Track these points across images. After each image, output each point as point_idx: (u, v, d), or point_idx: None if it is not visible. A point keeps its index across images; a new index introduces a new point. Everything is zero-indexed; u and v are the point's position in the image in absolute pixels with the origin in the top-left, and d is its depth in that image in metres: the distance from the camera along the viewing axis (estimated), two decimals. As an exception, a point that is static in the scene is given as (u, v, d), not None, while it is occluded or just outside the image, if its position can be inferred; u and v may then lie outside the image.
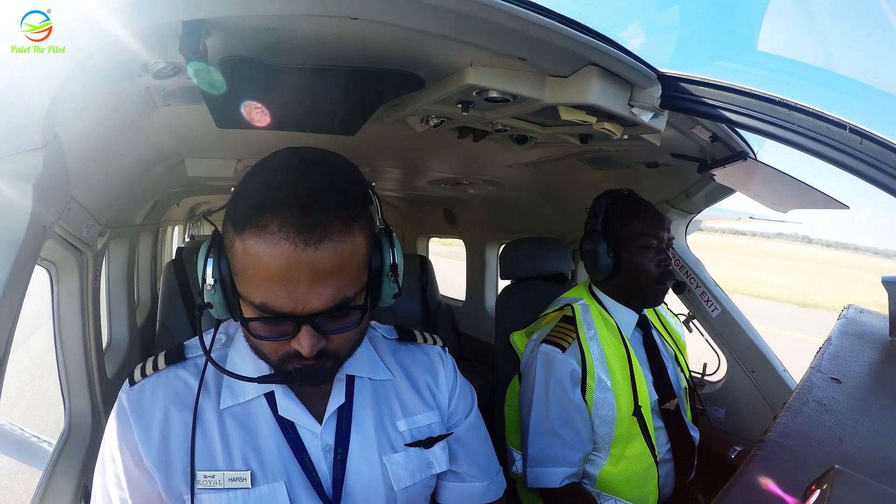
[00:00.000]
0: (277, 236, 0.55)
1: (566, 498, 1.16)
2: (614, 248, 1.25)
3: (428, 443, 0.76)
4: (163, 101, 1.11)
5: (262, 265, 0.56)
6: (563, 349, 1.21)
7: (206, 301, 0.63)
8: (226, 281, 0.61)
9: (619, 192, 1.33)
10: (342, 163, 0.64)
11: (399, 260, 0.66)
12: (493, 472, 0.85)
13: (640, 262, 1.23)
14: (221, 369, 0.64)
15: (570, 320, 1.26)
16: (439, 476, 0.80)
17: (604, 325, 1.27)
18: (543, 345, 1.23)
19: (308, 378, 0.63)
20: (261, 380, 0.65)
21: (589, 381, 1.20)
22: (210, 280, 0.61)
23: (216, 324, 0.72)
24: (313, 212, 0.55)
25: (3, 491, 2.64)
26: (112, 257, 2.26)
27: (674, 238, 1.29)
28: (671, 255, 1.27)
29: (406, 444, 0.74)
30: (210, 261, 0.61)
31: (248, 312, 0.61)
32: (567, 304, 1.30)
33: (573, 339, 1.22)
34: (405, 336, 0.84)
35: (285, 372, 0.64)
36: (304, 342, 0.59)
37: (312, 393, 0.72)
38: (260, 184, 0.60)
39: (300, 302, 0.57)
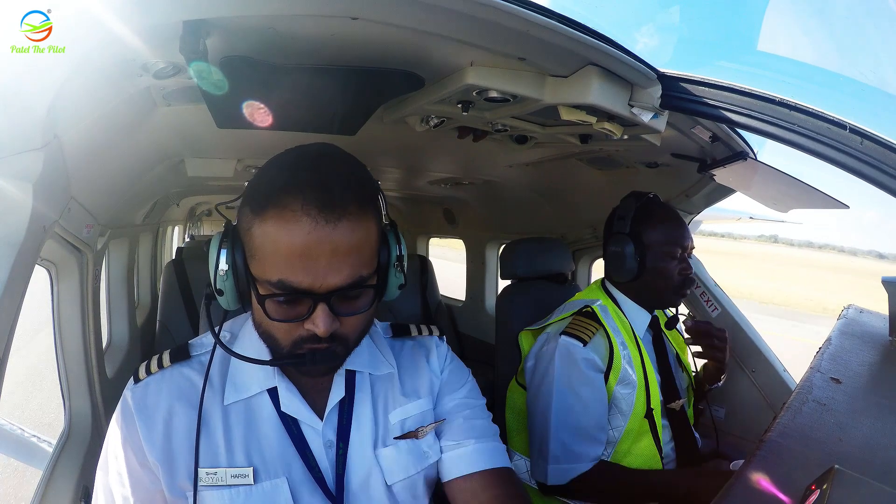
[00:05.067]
0: (300, 213, 0.57)
1: (596, 477, 1.14)
2: (640, 252, 1.25)
3: (420, 433, 0.75)
4: (163, 101, 1.11)
5: (283, 242, 0.58)
6: (584, 342, 1.18)
7: (217, 288, 0.64)
8: (239, 267, 0.63)
9: (646, 195, 1.31)
10: (352, 157, 0.67)
11: (404, 252, 0.69)
12: (491, 439, 0.80)
13: (665, 268, 1.23)
14: (229, 351, 0.65)
15: (590, 315, 1.25)
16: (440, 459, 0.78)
17: (620, 325, 1.26)
18: (563, 337, 1.20)
19: (321, 361, 0.63)
20: (272, 362, 0.65)
21: (612, 377, 1.19)
22: (224, 266, 0.62)
23: (222, 317, 0.72)
24: (334, 191, 0.58)
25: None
26: (112, 257, 2.26)
27: (694, 247, 1.29)
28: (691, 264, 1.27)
29: (395, 438, 0.74)
30: (224, 249, 0.63)
31: (264, 292, 0.61)
32: (586, 306, 1.28)
33: (594, 332, 1.21)
34: (399, 332, 0.84)
35: (298, 355, 0.64)
36: (319, 322, 0.60)
37: (314, 388, 0.72)
38: (279, 170, 0.62)
39: (319, 278, 0.58)
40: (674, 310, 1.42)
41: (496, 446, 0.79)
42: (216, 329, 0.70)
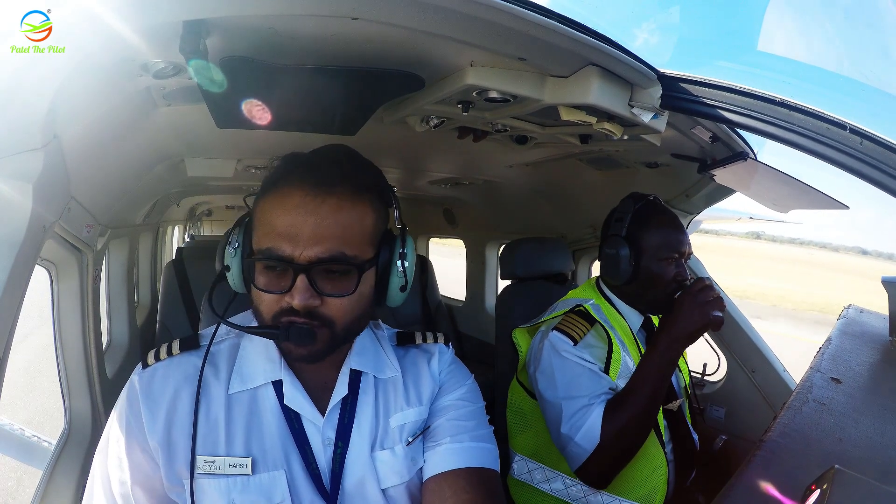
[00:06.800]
0: (294, 187, 0.64)
1: (614, 417, 1.09)
2: (635, 256, 1.23)
3: (415, 439, 0.75)
4: (163, 101, 1.11)
5: (277, 214, 0.64)
6: (575, 341, 1.18)
7: (225, 264, 0.70)
8: (245, 245, 0.68)
9: (645, 197, 1.29)
10: (367, 160, 0.73)
11: (409, 252, 0.72)
12: (470, 438, 0.75)
13: (660, 273, 1.22)
14: (224, 320, 0.69)
15: (582, 314, 1.24)
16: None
17: (615, 323, 1.26)
18: (553, 332, 1.20)
19: (295, 336, 0.64)
20: (249, 329, 0.67)
21: (612, 372, 1.18)
22: (234, 243, 0.69)
23: (228, 302, 0.74)
24: (326, 171, 0.65)
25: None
26: (112, 257, 2.26)
27: (692, 253, 1.27)
28: (687, 269, 1.25)
29: (396, 442, 0.74)
30: (237, 232, 0.70)
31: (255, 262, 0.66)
32: (578, 305, 1.27)
33: (585, 331, 1.20)
34: (404, 340, 0.84)
35: (275, 327, 0.65)
36: (296, 293, 0.62)
37: (318, 385, 0.73)
38: (290, 162, 0.69)
39: (300, 247, 0.62)
40: None
41: (472, 445, 0.74)
42: (222, 311, 0.71)
